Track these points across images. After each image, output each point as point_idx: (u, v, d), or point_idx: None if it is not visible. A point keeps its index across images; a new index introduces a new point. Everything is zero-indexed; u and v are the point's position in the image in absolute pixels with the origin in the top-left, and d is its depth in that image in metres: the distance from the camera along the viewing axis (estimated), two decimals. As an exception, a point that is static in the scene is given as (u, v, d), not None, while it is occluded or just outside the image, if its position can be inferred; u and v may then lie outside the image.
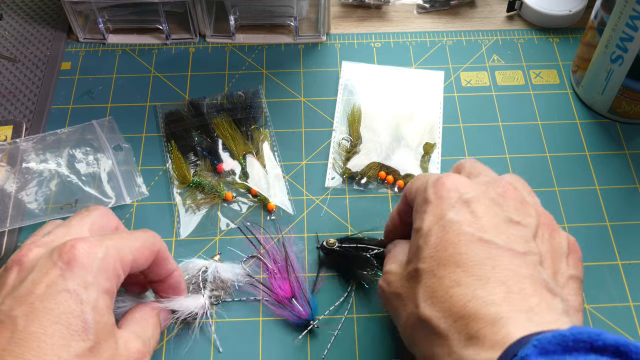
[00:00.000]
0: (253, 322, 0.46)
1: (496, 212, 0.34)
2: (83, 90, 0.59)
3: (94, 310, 0.33)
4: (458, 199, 0.35)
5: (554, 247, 0.35)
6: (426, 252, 0.34)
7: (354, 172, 0.53)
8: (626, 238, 0.50)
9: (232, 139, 0.54)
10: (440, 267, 0.33)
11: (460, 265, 0.32)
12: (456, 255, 0.33)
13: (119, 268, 0.35)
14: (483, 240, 0.33)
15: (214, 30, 0.63)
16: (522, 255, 0.33)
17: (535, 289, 0.31)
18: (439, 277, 0.33)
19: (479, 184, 0.37)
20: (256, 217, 0.51)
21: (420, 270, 0.34)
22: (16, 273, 0.34)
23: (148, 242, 0.38)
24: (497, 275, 0.31)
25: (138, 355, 0.36)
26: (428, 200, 0.36)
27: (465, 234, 0.33)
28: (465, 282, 0.32)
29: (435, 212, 0.35)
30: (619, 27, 0.50)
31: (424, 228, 0.35)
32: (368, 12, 0.66)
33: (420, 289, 0.33)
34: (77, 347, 0.32)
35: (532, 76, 0.60)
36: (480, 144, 0.55)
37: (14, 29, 0.64)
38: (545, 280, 0.32)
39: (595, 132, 0.56)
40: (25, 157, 0.53)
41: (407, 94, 0.58)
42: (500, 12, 0.66)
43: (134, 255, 0.36)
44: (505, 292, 0.31)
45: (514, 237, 0.33)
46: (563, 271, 0.35)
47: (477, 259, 0.32)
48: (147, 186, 0.53)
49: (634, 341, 0.26)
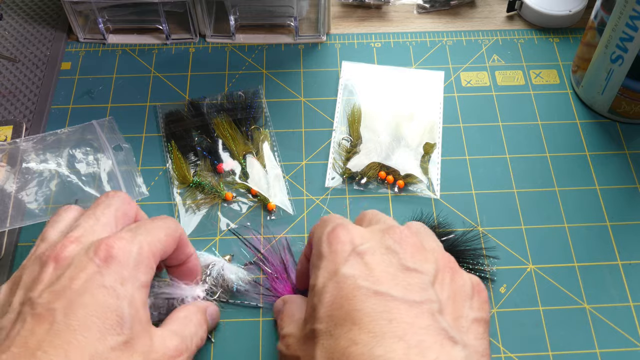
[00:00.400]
0: (253, 322, 0.46)
1: (391, 261, 0.33)
2: (83, 90, 0.59)
3: (130, 305, 0.34)
4: (352, 252, 0.34)
5: (456, 291, 0.34)
6: (322, 311, 0.33)
7: (354, 172, 0.53)
8: (626, 238, 0.50)
9: (232, 139, 0.54)
10: (337, 327, 0.32)
11: (356, 322, 0.31)
12: (352, 311, 0.31)
13: (152, 261, 0.36)
14: (378, 293, 0.32)
15: (214, 30, 0.63)
16: (419, 304, 0.31)
17: (435, 340, 0.30)
18: (335, 338, 0.31)
19: (374, 232, 0.35)
20: (256, 217, 0.51)
21: (317, 331, 0.32)
22: (52, 269, 0.34)
23: (171, 229, 0.39)
24: (394, 330, 0.30)
25: (175, 352, 0.36)
26: (322, 255, 0.35)
27: (360, 288, 0.32)
28: (362, 340, 0.30)
29: (329, 267, 0.34)
30: (619, 27, 0.50)
31: (318, 285, 0.34)
32: (368, 12, 0.66)
33: (318, 350, 0.32)
34: (113, 340, 0.32)
35: (532, 76, 0.60)
36: (480, 144, 0.55)
37: (14, 29, 0.64)
38: (444, 328, 0.31)
39: (595, 132, 0.56)
40: (25, 157, 0.53)
41: (407, 94, 0.58)
42: (500, 12, 0.66)
43: (162, 246, 0.37)
44: (404, 348, 0.29)
45: (411, 286, 0.32)
46: (466, 315, 0.34)
47: (372, 314, 0.31)
48: (147, 186, 0.53)
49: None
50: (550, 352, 0.45)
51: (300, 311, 0.37)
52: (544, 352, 0.45)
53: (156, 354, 0.35)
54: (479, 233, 0.50)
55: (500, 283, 0.48)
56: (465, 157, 0.55)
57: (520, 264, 0.49)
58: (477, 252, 0.49)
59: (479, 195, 0.52)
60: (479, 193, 0.52)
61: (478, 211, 0.51)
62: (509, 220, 0.51)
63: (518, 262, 0.49)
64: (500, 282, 0.48)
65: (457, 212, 0.51)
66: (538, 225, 0.51)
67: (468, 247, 0.49)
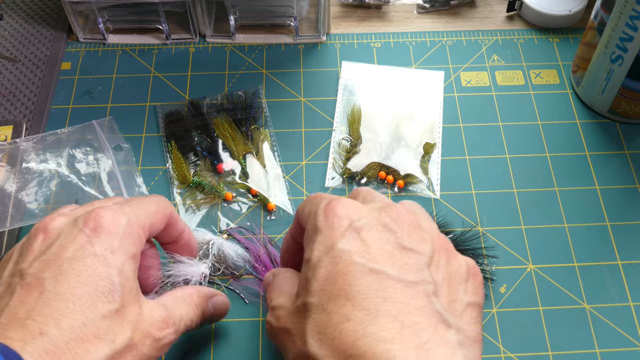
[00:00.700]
0: (253, 322, 0.46)
1: (388, 239, 0.33)
2: (83, 90, 0.59)
3: (121, 274, 0.34)
4: (349, 227, 0.33)
5: (451, 274, 0.34)
6: (315, 285, 0.32)
7: (354, 172, 0.53)
8: (626, 238, 0.50)
9: (232, 139, 0.54)
10: (330, 301, 0.31)
11: (350, 298, 0.31)
12: (346, 287, 0.31)
13: (141, 233, 0.36)
14: (374, 270, 0.31)
15: (214, 30, 0.63)
16: (414, 284, 0.31)
17: (429, 322, 0.30)
18: (327, 312, 0.31)
19: (372, 209, 0.35)
20: (256, 217, 0.51)
21: (309, 304, 0.32)
22: (42, 239, 0.35)
23: (161, 206, 0.39)
24: (388, 309, 0.30)
25: (162, 324, 0.36)
26: (318, 229, 0.34)
27: (355, 264, 0.31)
28: (355, 317, 0.30)
29: (325, 242, 0.33)
30: (619, 27, 0.50)
31: (313, 259, 0.33)
32: (368, 12, 0.66)
33: (309, 324, 0.32)
34: (103, 308, 0.32)
35: (532, 76, 0.60)
36: (480, 144, 0.55)
37: (14, 29, 0.64)
38: (438, 311, 0.31)
39: (595, 132, 0.56)
40: (25, 157, 0.53)
41: (407, 94, 0.58)
42: (500, 12, 0.66)
43: (151, 220, 0.38)
44: (398, 327, 0.29)
45: (407, 265, 0.32)
46: (461, 298, 0.33)
47: (367, 292, 0.30)
48: (147, 186, 0.53)
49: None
50: (550, 352, 0.45)
51: (290, 284, 0.37)
52: (544, 352, 0.45)
53: (145, 322, 0.34)
54: (479, 233, 0.50)
55: (500, 283, 0.48)
56: (465, 157, 0.55)
57: (520, 263, 0.49)
58: (477, 251, 0.49)
59: (478, 195, 0.52)
60: (478, 193, 0.52)
61: (478, 211, 0.51)
62: (508, 220, 0.51)
63: (518, 262, 0.49)
64: (500, 282, 0.48)
65: (457, 212, 0.51)
66: (538, 225, 0.51)
67: (468, 246, 0.49)
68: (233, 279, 0.47)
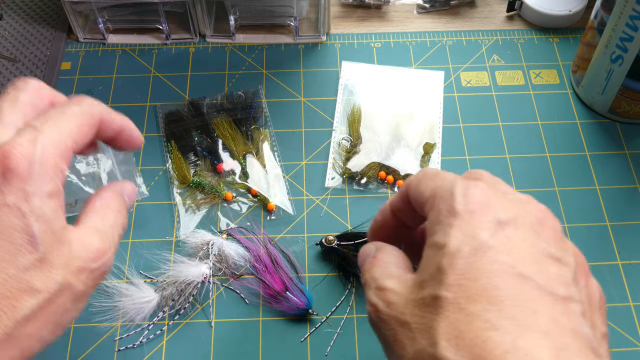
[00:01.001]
0: (253, 322, 0.46)
1: (534, 242, 0.28)
2: (83, 90, 0.59)
3: (39, 220, 0.31)
4: (493, 218, 0.28)
5: (590, 297, 0.29)
6: (452, 277, 0.27)
7: (354, 172, 0.53)
8: (626, 238, 0.50)
9: (232, 139, 0.54)
10: (469, 301, 0.27)
11: (494, 303, 0.26)
12: (490, 288, 0.26)
13: (60, 163, 0.32)
14: (522, 275, 0.27)
15: (214, 30, 0.63)
16: (563, 300, 0.27)
17: (580, 347, 0.25)
18: (466, 314, 0.26)
19: (513, 202, 0.30)
20: (256, 217, 0.51)
21: (442, 298, 0.27)
22: None
23: (85, 116, 0.34)
24: (539, 324, 0.25)
25: (97, 254, 0.33)
26: (456, 212, 0.29)
27: (502, 263, 0.27)
28: (503, 327, 0.25)
29: (466, 229, 0.28)
30: (619, 27, 0.50)
31: (451, 246, 0.28)
32: (368, 12, 0.66)
33: (442, 323, 0.27)
34: (24, 260, 0.30)
35: (532, 76, 0.60)
36: (480, 144, 0.55)
37: (14, 29, 0.64)
38: (588, 337, 0.26)
39: (595, 132, 0.56)
40: (25, 157, 0.53)
41: (407, 94, 0.58)
42: (500, 12, 0.66)
43: (73, 139, 0.33)
44: (551, 347, 0.25)
45: (556, 277, 0.27)
46: (598, 327, 0.29)
47: (515, 299, 0.26)
48: (147, 186, 0.53)
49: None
50: (550, 352, 0.45)
51: (401, 264, 0.32)
52: (544, 352, 0.45)
53: (77, 259, 0.32)
54: (479, 233, 0.50)
55: (500, 283, 0.48)
56: (465, 157, 0.55)
57: (520, 264, 0.49)
58: (477, 252, 0.49)
59: (479, 195, 0.52)
60: (479, 193, 0.52)
61: (478, 211, 0.51)
62: (509, 220, 0.51)
63: (518, 262, 0.49)
64: (500, 282, 0.48)
65: (457, 212, 0.51)
66: (538, 225, 0.51)
67: (468, 247, 0.49)
68: (233, 278, 0.47)
